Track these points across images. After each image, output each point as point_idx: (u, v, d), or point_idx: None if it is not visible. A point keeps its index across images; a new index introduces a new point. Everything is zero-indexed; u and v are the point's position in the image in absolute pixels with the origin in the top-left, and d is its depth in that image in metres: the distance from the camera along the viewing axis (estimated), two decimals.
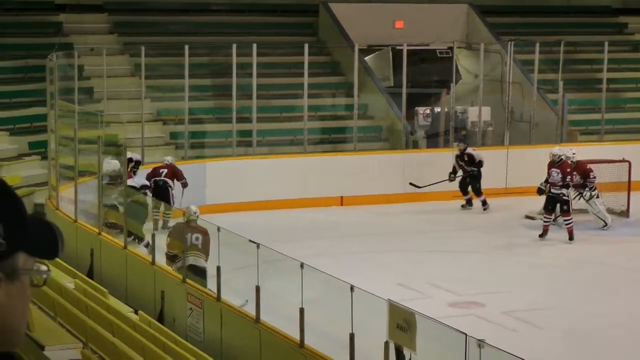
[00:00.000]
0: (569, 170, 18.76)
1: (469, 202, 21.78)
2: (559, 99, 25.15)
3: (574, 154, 20.04)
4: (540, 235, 18.87)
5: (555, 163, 18.94)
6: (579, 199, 20.05)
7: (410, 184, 21.14)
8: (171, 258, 14.14)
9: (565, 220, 18.80)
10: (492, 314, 14.70)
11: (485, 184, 22.80)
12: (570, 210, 18.84)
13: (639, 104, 25.97)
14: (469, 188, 21.69)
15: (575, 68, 26.87)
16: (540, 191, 19.44)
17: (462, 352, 8.20)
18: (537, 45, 25.03)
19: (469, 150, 21.81)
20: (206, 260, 13.77)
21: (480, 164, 21.53)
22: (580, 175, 19.80)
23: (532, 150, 23.95)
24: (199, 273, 13.72)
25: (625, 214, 20.97)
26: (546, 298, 15.52)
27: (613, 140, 24.94)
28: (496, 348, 8.32)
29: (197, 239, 13.80)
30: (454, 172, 21.72)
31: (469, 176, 21.56)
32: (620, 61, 26.96)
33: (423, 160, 23.55)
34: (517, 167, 23.04)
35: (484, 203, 21.44)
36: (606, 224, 19.92)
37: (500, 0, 28.93)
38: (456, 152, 21.73)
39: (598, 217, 20.04)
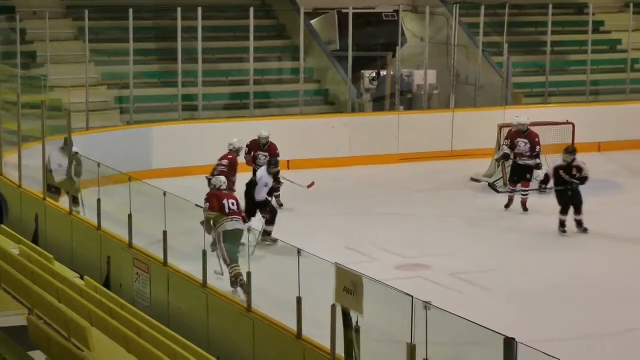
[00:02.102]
0: (536, 140, 18.60)
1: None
2: (503, 62, 25.26)
3: (528, 118, 20.20)
4: (506, 206, 18.66)
5: (522, 132, 18.66)
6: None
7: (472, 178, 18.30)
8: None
9: (525, 192, 18.54)
10: (438, 276, 14.83)
11: (430, 147, 22.96)
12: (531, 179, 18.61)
13: (583, 67, 26.10)
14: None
15: (520, 30, 26.98)
16: (506, 157, 19.14)
17: (409, 314, 8.26)
18: (482, 7, 25.12)
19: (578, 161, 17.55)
20: (244, 221, 13.84)
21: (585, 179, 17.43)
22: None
23: (477, 113, 24.12)
24: (235, 235, 13.46)
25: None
26: (491, 260, 15.66)
27: (557, 103, 25.10)
28: (442, 309, 8.39)
29: (233, 204, 13.75)
30: (546, 181, 18.04)
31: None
32: (564, 23, 27.09)
33: (368, 123, 23.64)
34: (463, 130, 23.18)
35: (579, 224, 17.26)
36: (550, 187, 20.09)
37: None
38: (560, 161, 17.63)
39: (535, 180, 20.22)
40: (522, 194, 18.56)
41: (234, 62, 24.17)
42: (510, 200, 18.66)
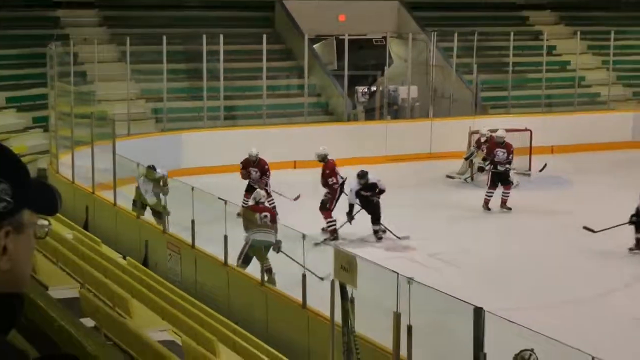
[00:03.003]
0: (512, 150, 18.31)
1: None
2: (473, 79, 25.24)
3: (487, 128, 20.22)
4: (488, 208, 18.09)
5: (500, 144, 18.32)
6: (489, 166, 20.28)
7: (585, 227, 15.32)
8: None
9: (505, 192, 18.10)
10: (420, 257, 14.82)
11: (413, 149, 22.94)
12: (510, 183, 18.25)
13: (539, 83, 26.05)
14: None
15: (487, 54, 26.94)
16: (481, 169, 18.83)
17: (395, 288, 8.25)
18: (456, 35, 25.11)
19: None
20: (276, 233, 12.88)
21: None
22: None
23: (451, 121, 24.08)
24: (263, 245, 12.78)
25: (527, 173, 21.15)
26: (465, 243, 15.64)
27: (517, 113, 25.06)
28: (423, 284, 8.38)
29: (265, 217, 13.18)
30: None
31: None
32: (523, 47, 27.06)
33: (361, 130, 23.63)
34: (439, 135, 23.17)
35: None
36: (514, 183, 20.12)
37: None
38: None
39: None
40: (504, 195, 18.11)
41: (250, 80, 24.15)
42: (487, 202, 18.14)
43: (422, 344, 8.44)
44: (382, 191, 15.77)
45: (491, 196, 18.07)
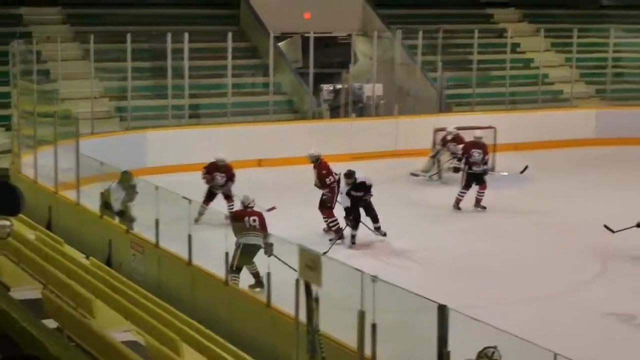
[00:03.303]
0: (487, 150, 18.27)
1: None
2: (438, 77, 25.31)
3: (453, 126, 20.30)
4: (458, 208, 18.05)
5: (477, 144, 18.30)
6: (451, 162, 20.38)
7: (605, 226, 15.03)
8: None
9: (480, 191, 18.03)
10: (383, 255, 14.84)
11: (378, 147, 22.97)
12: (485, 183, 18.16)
13: (503, 81, 26.18)
14: None
15: (451, 51, 27.01)
16: (456, 169, 18.74)
17: (359, 287, 8.25)
18: (420, 32, 25.17)
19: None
20: (265, 237, 12.54)
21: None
22: (458, 144, 20.13)
23: (416, 119, 24.14)
24: (252, 249, 12.65)
25: (492, 171, 21.21)
26: (430, 241, 15.68)
27: (482, 111, 25.16)
28: (386, 282, 8.39)
29: (254, 220, 12.97)
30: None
31: None
32: (487, 45, 27.15)
33: (326, 128, 23.63)
34: (405, 133, 23.22)
35: None
36: None
37: None
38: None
39: None
40: (479, 194, 18.04)
41: (215, 78, 24.07)
42: (458, 202, 18.07)
43: (386, 342, 8.45)
44: (370, 186, 15.67)
45: (463, 196, 18.02)
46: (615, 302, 12.75)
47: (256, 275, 12.45)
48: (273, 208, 15.08)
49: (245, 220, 12.96)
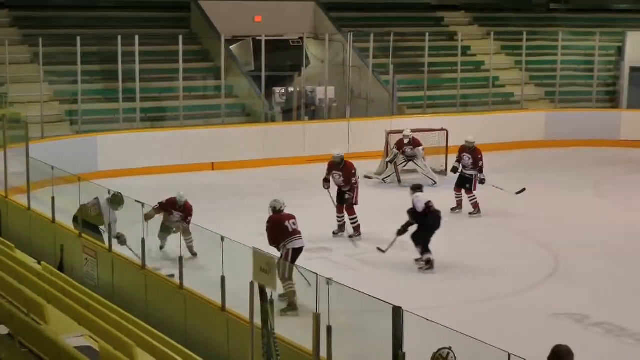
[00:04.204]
0: (479, 156, 18.14)
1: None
2: (390, 80, 25.42)
3: (411, 131, 20.39)
4: (455, 209, 18.11)
5: (468, 149, 18.26)
6: (405, 165, 20.48)
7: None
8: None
9: (470, 197, 18.03)
10: (337, 257, 14.85)
11: (331, 150, 22.93)
12: (473, 189, 18.04)
13: (454, 84, 26.36)
14: None
15: (403, 54, 27.15)
16: (454, 169, 18.57)
17: (314, 289, 8.25)
18: (372, 35, 25.26)
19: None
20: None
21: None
22: (414, 147, 20.24)
23: (368, 121, 24.24)
24: (299, 252, 12.47)
25: (443, 173, 21.36)
26: (385, 242, 15.67)
27: (434, 113, 25.33)
28: (341, 284, 8.39)
29: (294, 223, 12.60)
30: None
31: None
32: (438, 48, 27.33)
33: (279, 131, 23.63)
34: (357, 136, 23.29)
35: None
36: (435, 182, 20.37)
37: None
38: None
39: (427, 177, 20.45)
40: (472, 201, 18.05)
41: (167, 81, 23.95)
42: (459, 204, 18.13)
43: (342, 344, 8.45)
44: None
45: (460, 197, 18.10)
46: (568, 302, 12.88)
47: (291, 294, 11.88)
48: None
49: (286, 224, 12.50)
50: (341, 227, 16.42)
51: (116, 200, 13.55)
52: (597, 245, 15.94)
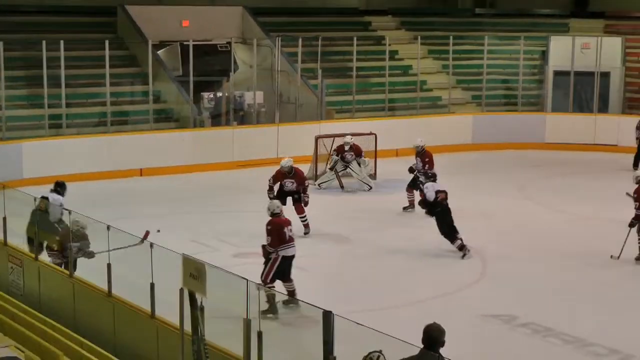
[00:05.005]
0: (427, 160, 18.37)
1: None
2: (318, 84, 25.50)
3: (351, 138, 20.45)
4: (407, 208, 18.42)
5: (418, 153, 18.59)
6: (346, 169, 20.52)
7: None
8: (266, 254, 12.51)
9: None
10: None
11: (260, 155, 22.98)
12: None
13: (382, 87, 26.55)
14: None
15: (331, 59, 27.26)
16: (411, 170, 18.69)
17: (245, 295, 8.24)
18: (300, 40, 25.31)
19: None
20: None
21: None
22: (354, 153, 20.31)
23: (298, 126, 24.29)
24: (290, 261, 12.44)
25: (373, 176, 21.50)
26: (311, 246, 15.75)
27: (362, 117, 25.47)
28: (271, 290, 8.40)
29: (291, 230, 12.46)
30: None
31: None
32: (366, 52, 27.50)
33: (208, 136, 23.55)
34: (286, 141, 23.32)
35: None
36: (370, 187, 20.52)
37: (268, 3, 29.00)
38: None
39: (363, 182, 20.58)
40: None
41: (93, 86, 23.70)
42: (411, 203, 18.35)
43: (273, 349, 8.45)
44: None
45: (412, 197, 18.28)
46: (496, 304, 13.04)
47: (292, 293, 12.03)
48: (147, 234, 12.73)
49: (285, 230, 12.39)
50: (307, 226, 16.68)
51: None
52: (523, 246, 16.19)
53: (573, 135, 26.29)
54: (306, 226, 16.71)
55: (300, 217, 16.65)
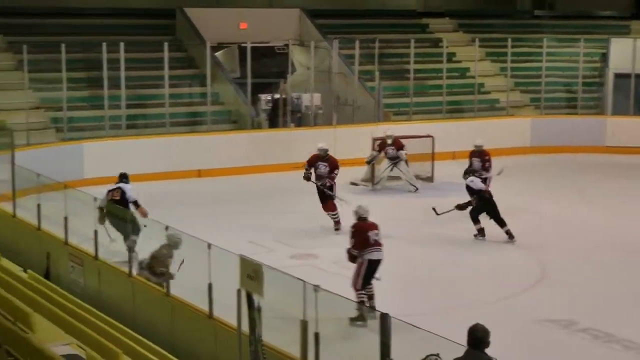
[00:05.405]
0: (487, 158, 18.44)
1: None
2: (375, 86, 25.48)
3: (390, 130, 20.38)
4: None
5: (477, 153, 18.59)
6: (392, 169, 20.45)
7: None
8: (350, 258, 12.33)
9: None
10: (324, 264, 14.84)
11: None
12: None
13: (439, 90, 26.46)
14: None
15: (388, 61, 27.23)
16: (467, 172, 18.68)
17: (301, 296, 8.25)
18: (357, 42, 25.33)
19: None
20: None
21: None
22: (396, 149, 20.24)
23: (354, 128, 24.28)
24: (377, 266, 12.23)
25: (430, 179, 21.42)
26: None
27: (419, 120, 25.39)
28: (328, 291, 8.40)
29: (376, 234, 12.26)
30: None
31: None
32: (423, 55, 27.43)
33: (265, 138, 23.65)
34: (343, 142, 23.30)
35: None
36: (416, 188, 20.39)
37: (326, 5, 29.07)
38: None
39: (409, 182, 20.48)
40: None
41: (152, 88, 23.94)
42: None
43: (329, 351, 8.46)
44: None
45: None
46: (554, 309, 12.91)
47: (371, 297, 11.97)
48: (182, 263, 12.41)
49: (369, 234, 12.15)
50: (337, 222, 16.82)
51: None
52: (583, 251, 16.00)
53: (634, 138, 25.95)
54: (336, 222, 16.83)
55: (330, 215, 16.90)
